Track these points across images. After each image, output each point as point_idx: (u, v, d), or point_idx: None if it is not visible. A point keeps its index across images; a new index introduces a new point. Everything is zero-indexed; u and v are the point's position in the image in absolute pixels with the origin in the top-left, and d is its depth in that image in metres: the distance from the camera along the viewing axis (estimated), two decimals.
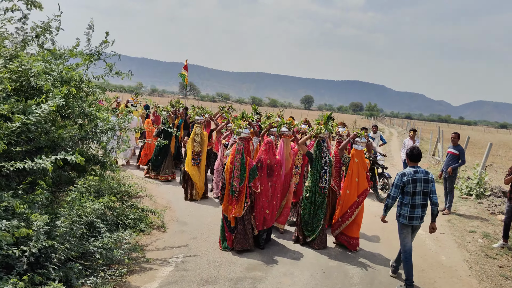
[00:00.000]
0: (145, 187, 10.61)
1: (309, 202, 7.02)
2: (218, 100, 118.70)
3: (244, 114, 8.39)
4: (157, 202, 9.42)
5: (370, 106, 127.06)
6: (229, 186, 6.74)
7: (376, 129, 13.69)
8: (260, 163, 6.96)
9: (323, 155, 6.92)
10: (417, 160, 5.84)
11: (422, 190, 5.74)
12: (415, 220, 5.83)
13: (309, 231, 7.12)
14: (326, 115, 7.28)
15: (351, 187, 7.09)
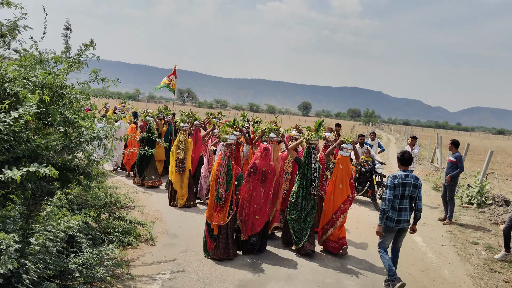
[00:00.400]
0: (136, 196, 10.29)
1: (298, 209, 6.96)
2: (216, 107, 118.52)
3: (236, 121, 8.34)
4: (147, 213, 9.08)
5: (368, 113, 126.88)
6: (215, 193, 6.65)
7: (374, 136, 13.38)
8: (254, 169, 6.87)
9: (312, 162, 6.89)
10: (407, 164, 6.02)
11: (410, 194, 5.88)
12: (403, 223, 5.93)
13: (298, 237, 7.02)
14: (318, 122, 7.26)
15: (335, 193, 7.08)
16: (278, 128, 7.96)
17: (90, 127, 5.93)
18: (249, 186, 6.93)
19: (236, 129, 8.19)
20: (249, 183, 6.94)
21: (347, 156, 7.17)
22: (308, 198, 6.91)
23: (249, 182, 6.94)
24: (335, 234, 7.11)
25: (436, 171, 18.98)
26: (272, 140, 7.68)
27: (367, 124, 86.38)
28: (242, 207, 6.96)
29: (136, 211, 8.99)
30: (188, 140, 9.92)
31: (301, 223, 6.97)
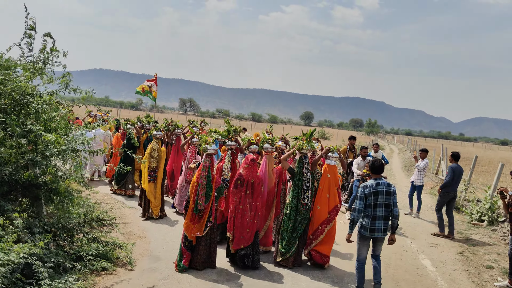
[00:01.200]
0: (121, 212, 9.60)
1: (288, 219, 6.82)
2: (218, 116, 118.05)
3: (230, 130, 8.19)
4: (131, 231, 8.36)
5: (370, 123, 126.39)
6: (193, 204, 6.48)
7: (378, 148, 12.64)
8: (241, 181, 6.68)
9: (304, 172, 6.77)
10: (378, 172, 5.92)
11: (384, 202, 5.77)
12: (377, 232, 5.83)
13: (285, 248, 6.83)
14: (310, 131, 7.20)
15: (322, 203, 6.91)
16: (273, 139, 7.67)
17: (56, 140, 5.20)
18: (236, 198, 6.68)
19: (232, 139, 8.03)
20: (236, 195, 6.69)
21: (334, 165, 7.01)
22: (300, 209, 6.75)
23: (235, 194, 6.69)
24: (320, 248, 6.93)
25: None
26: (267, 151, 7.48)
27: (370, 134, 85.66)
28: (231, 220, 6.71)
29: (121, 227, 8.31)
30: (161, 149, 9.61)
31: (290, 234, 6.81)
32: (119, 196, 11.19)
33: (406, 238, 9.40)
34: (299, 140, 7.12)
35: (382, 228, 5.84)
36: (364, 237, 5.91)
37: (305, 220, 6.84)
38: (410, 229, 10.17)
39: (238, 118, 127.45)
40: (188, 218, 6.54)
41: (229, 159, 7.98)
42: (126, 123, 11.72)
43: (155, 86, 15.95)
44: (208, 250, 6.67)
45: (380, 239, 5.96)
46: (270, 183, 7.38)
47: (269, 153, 7.49)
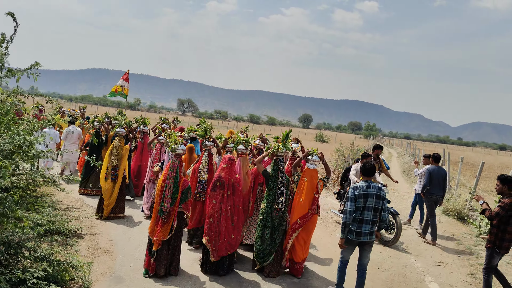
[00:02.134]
0: (92, 222, 8.61)
1: (263, 226, 6.46)
2: (216, 118, 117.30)
3: (208, 130, 7.81)
4: (97, 245, 7.38)
5: (369, 126, 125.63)
6: (158, 206, 6.15)
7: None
8: (220, 182, 6.31)
9: (279, 175, 6.46)
10: (370, 174, 5.80)
11: (373, 206, 5.64)
12: (363, 236, 5.67)
13: (261, 257, 6.50)
14: (285, 133, 6.82)
15: (295, 206, 6.60)
16: (248, 139, 7.31)
17: None
18: (214, 201, 6.26)
19: (209, 139, 7.73)
20: (214, 198, 6.27)
21: (313, 168, 6.58)
22: (274, 214, 6.41)
23: (214, 196, 6.28)
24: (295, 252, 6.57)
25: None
26: (241, 152, 7.13)
27: (368, 138, 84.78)
28: (209, 225, 6.28)
29: (87, 239, 7.37)
30: (123, 147, 9.25)
31: (265, 241, 6.44)
32: (90, 199, 10.20)
33: (409, 255, 8.40)
34: (275, 142, 6.86)
35: (369, 232, 5.68)
36: (351, 241, 5.75)
37: (283, 226, 6.49)
38: (412, 245, 9.17)
39: (236, 119, 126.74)
40: (153, 221, 6.21)
41: (206, 160, 7.62)
42: (93, 120, 11.26)
43: (127, 83, 15.32)
44: (171, 256, 6.30)
45: (368, 243, 5.78)
46: (246, 186, 6.98)
47: (244, 155, 7.11)
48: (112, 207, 8.98)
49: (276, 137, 7.14)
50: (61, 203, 9.83)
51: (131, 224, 8.74)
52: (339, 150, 22.90)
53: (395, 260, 7.92)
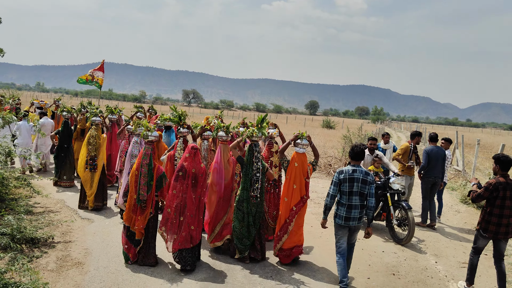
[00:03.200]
0: (69, 226, 7.69)
1: (242, 212, 6.37)
2: (222, 107, 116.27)
3: (182, 116, 7.69)
4: (69, 255, 6.48)
5: (376, 110, 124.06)
6: (135, 195, 6.11)
7: (388, 138, 10.50)
8: (182, 172, 6.11)
9: (254, 161, 6.33)
10: (358, 159, 5.74)
11: (359, 190, 5.63)
12: (352, 221, 5.66)
13: (243, 244, 6.42)
14: (261, 117, 6.66)
15: (288, 194, 6.36)
16: (228, 125, 7.07)
17: None
18: (175, 191, 6.10)
19: (184, 125, 7.59)
20: (175, 189, 6.10)
21: (303, 152, 6.40)
22: (250, 201, 6.32)
23: (176, 187, 6.10)
24: (287, 243, 6.39)
25: (458, 176, 16.10)
26: (222, 139, 6.88)
27: (376, 122, 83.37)
28: (167, 216, 6.11)
29: (54, 252, 6.44)
30: (102, 136, 9.22)
31: (245, 228, 6.36)
32: (71, 200, 9.26)
33: (427, 256, 7.35)
34: (249, 126, 6.71)
35: (357, 217, 5.67)
36: (340, 226, 5.73)
37: (260, 212, 6.41)
38: (431, 243, 8.09)
39: (242, 108, 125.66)
40: (129, 210, 6.16)
41: (181, 147, 7.52)
42: (62, 110, 11.13)
43: (101, 73, 14.76)
44: (148, 245, 6.26)
45: (357, 227, 5.80)
46: (227, 174, 6.76)
47: (224, 142, 6.85)
48: (94, 196, 8.88)
49: (251, 122, 6.99)
50: (39, 205, 8.92)
51: (111, 229, 7.78)
52: (346, 136, 21.75)
53: (412, 263, 6.88)
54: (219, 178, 6.69)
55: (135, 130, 7.61)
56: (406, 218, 7.55)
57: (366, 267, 6.63)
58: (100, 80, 14.58)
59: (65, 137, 10.67)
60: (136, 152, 7.74)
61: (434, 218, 9.12)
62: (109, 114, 10.33)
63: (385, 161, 8.69)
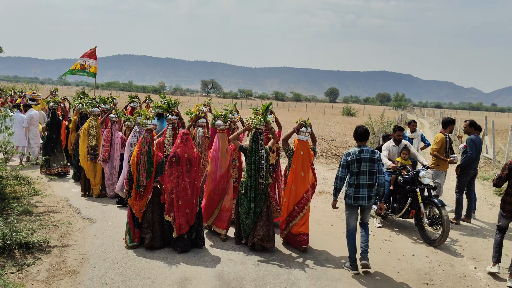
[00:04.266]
0: (69, 229, 7.14)
1: (248, 199, 6.42)
2: (241, 97, 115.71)
3: (171, 104, 7.74)
4: (64, 261, 5.90)
5: (398, 96, 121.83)
6: (135, 181, 6.37)
7: (415, 126, 9.59)
8: (176, 158, 6.31)
9: (260, 148, 6.38)
10: (362, 139, 5.83)
11: (367, 169, 5.71)
12: (361, 201, 5.78)
13: (246, 231, 6.55)
14: (265, 105, 6.72)
15: (297, 182, 6.46)
16: (227, 114, 7.13)
17: None
18: (172, 178, 6.30)
19: (173, 113, 7.67)
20: (172, 175, 6.30)
21: (305, 140, 6.50)
22: (257, 188, 6.39)
23: (172, 173, 6.30)
24: (297, 229, 6.52)
25: (488, 164, 15.07)
26: (220, 128, 6.98)
27: (397, 109, 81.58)
28: (171, 202, 6.35)
29: (48, 258, 5.89)
30: (99, 126, 9.37)
31: (251, 214, 6.43)
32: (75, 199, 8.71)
33: (464, 260, 6.50)
34: (255, 115, 6.70)
35: (367, 196, 5.78)
36: (350, 206, 5.86)
37: (262, 199, 6.46)
38: (467, 244, 7.22)
39: (261, 97, 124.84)
40: (133, 195, 6.41)
41: (170, 133, 7.50)
42: (48, 101, 11.50)
43: (94, 61, 14.34)
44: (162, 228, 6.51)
45: (367, 207, 5.90)
46: (225, 163, 6.88)
47: (222, 131, 6.97)
48: (100, 185, 9.18)
49: (255, 109, 6.90)
50: (41, 204, 8.41)
51: (113, 230, 7.17)
52: (368, 123, 20.81)
53: (448, 269, 6.04)
54: (216, 166, 6.84)
55: (134, 119, 8.11)
56: (440, 217, 6.71)
57: (395, 274, 5.84)
58: (93, 68, 14.23)
59: (53, 128, 10.87)
60: (135, 140, 8.05)
61: (470, 214, 8.38)
62: (101, 104, 10.10)
63: (413, 151, 7.84)
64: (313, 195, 6.70)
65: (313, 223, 7.47)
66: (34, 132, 11.76)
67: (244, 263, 6.04)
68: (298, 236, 6.53)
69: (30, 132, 11.66)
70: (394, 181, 7.61)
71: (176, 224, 6.30)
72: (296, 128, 6.46)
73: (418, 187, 7.16)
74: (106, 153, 8.89)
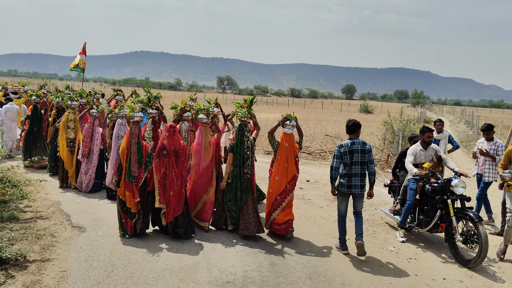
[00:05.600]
0: (54, 239, 6.41)
1: (234, 188, 6.81)
2: (256, 93, 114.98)
3: (151, 98, 7.90)
4: (41, 280, 5.15)
5: (416, 93, 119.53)
6: (126, 171, 6.57)
7: (442, 126, 8.60)
8: (165, 151, 6.54)
9: (245, 140, 6.78)
10: (352, 132, 6.22)
11: (360, 160, 6.11)
12: (354, 189, 6.15)
13: (234, 218, 6.85)
14: (249, 99, 7.18)
15: (280, 173, 6.73)
16: (209, 108, 7.31)
17: None
18: (163, 169, 6.57)
19: (153, 106, 7.92)
20: (162, 167, 6.56)
21: (291, 133, 6.76)
22: (243, 177, 6.79)
23: (161, 165, 6.55)
24: (280, 217, 6.76)
25: None
26: (202, 122, 7.18)
27: (416, 106, 79.80)
28: (163, 192, 6.58)
29: (23, 276, 5.14)
30: (77, 119, 9.58)
31: (238, 202, 6.82)
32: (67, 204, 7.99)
33: (506, 286, 5.54)
34: (239, 107, 7.15)
35: (359, 185, 6.15)
36: (343, 193, 6.27)
37: (248, 188, 6.84)
38: (508, 265, 6.22)
39: (277, 94, 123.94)
40: (123, 185, 6.60)
41: (150, 127, 7.94)
42: (31, 94, 11.72)
43: (84, 56, 14.48)
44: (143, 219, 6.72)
45: (359, 195, 6.24)
46: (207, 156, 7.11)
47: (205, 124, 7.16)
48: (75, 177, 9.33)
49: (238, 103, 7.29)
50: (30, 209, 7.72)
51: (102, 241, 6.40)
52: (387, 122, 19.68)
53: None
54: (199, 159, 7.06)
55: (119, 112, 8.36)
56: (476, 233, 5.76)
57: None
58: (82, 63, 14.34)
59: (34, 121, 11.11)
60: (122, 133, 8.10)
61: None
62: (78, 97, 10.34)
63: (444, 157, 6.87)
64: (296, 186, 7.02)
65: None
66: (8, 125, 11.97)
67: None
68: (281, 224, 6.75)
69: (4, 125, 11.84)
70: (421, 190, 6.65)
71: (166, 212, 6.54)
72: (281, 121, 6.74)
73: (449, 197, 6.19)
74: (86, 148, 9.06)
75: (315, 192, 10.21)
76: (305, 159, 15.11)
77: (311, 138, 19.99)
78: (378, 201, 9.21)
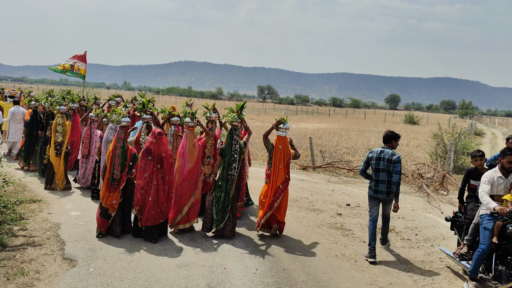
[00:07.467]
0: (38, 272, 5.32)
1: (221, 189, 6.99)
2: (297, 103, 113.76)
3: (146, 104, 8.33)
4: None
5: (464, 104, 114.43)
6: (109, 174, 6.75)
7: None
8: (151, 156, 6.68)
9: (233, 143, 6.97)
10: (386, 141, 6.55)
11: (385, 168, 6.38)
12: (380, 194, 6.46)
13: (218, 220, 6.99)
14: (240, 104, 7.38)
15: (276, 174, 7.06)
16: (194, 112, 7.37)
17: None
18: (146, 174, 6.70)
19: (147, 112, 8.32)
20: (146, 171, 6.70)
21: (284, 136, 7.07)
22: (228, 179, 6.96)
23: (145, 170, 6.70)
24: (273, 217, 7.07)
25: None
26: (188, 125, 7.28)
27: (464, 117, 75.83)
28: (139, 197, 6.73)
29: None
30: (66, 123, 9.73)
31: (221, 203, 6.95)
32: None
33: None
34: (230, 112, 7.34)
35: (385, 191, 6.43)
36: (372, 196, 6.60)
37: (233, 190, 7.00)
38: None
39: (318, 103, 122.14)
40: (104, 187, 6.79)
41: (144, 132, 8.15)
42: (30, 99, 12.04)
43: (84, 64, 14.61)
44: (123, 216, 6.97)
45: (387, 200, 6.55)
46: (192, 158, 7.18)
47: (190, 128, 7.25)
48: (63, 179, 9.53)
49: (230, 108, 7.47)
50: (24, 233, 6.78)
51: (91, 281, 5.22)
52: (437, 134, 17.51)
53: None
54: (183, 161, 7.14)
55: (109, 117, 8.65)
56: None
57: None
58: (82, 71, 14.63)
59: (33, 125, 11.33)
60: (111, 137, 8.19)
61: None
62: (70, 102, 10.69)
63: None
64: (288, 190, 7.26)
65: None
66: (14, 127, 12.45)
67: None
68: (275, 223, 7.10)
69: (11, 127, 12.45)
70: (499, 231, 5.05)
71: (143, 217, 6.67)
72: (275, 125, 7.11)
73: None
74: (86, 149, 9.60)
75: (357, 221, 8.58)
76: (344, 176, 13.30)
77: (352, 151, 18.28)
78: (435, 235, 7.62)
